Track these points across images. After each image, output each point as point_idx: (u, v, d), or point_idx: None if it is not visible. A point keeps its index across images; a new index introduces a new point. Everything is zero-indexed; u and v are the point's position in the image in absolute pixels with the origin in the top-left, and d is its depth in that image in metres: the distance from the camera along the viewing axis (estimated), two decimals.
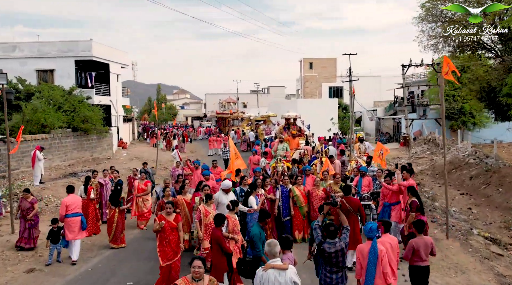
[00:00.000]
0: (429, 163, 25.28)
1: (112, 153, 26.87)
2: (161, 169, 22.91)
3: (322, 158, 12.93)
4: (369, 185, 10.39)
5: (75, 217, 9.47)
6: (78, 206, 9.63)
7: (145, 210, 11.87)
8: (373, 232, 5.56)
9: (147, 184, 12.01)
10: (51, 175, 18.96)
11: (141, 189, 11.88)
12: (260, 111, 52.83)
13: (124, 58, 32.50)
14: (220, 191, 8.69)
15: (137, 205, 11.79)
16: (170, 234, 7.21)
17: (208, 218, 7.79)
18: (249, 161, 14.88)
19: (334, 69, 59.50)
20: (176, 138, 33.43)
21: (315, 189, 9.61)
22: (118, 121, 30.89)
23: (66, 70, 26.95)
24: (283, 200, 9.53)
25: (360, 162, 12.59)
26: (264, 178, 10.15)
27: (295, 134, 17.51)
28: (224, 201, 8.24)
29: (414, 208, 8.00)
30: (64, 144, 21.77)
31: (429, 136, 32.63)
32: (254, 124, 32.20)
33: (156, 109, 21.96)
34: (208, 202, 8.02)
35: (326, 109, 37.36)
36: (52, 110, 21.54)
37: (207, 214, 7.86)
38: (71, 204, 9.48)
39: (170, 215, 7.36)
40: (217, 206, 8.39)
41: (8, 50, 27.06)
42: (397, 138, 40.54)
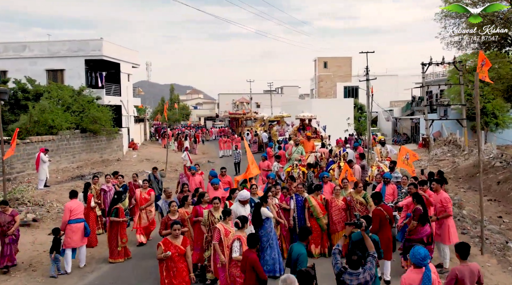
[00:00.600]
0: (451, 165, 24.09)
1: (122, 154, 26.31)
2: (171, 171, 22.22)
3: (340, 162, 11.97)
4: (393, 193, 9.44)
5: (79, 223, 8.90)
6: (81, 211, 9.07)
7: (148, 222, 10.65)
8: (425, 259, 4.64)
9: (150, 193, 10.74)
10: (58, 178, 18.40)
11: (143, 199, 10.57)
12: (273, 111, 51.92)
13: (135, 58, 31.94)
14: (236, 203, 7.64)
15: (140, 218, 10.53)
16: (179, 261, 6.09)
17: (229, 238, 6.57)
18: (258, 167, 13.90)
19: (349, 68, 58.28)
20: (187, 139, 32.73)
21: (334, 199, 8.67)
22: (129, 122, 30.34)
23: (76, 70, 26.49)
24: (298, 210, 8.64)
25: (382, 167, 11.60)
26: (275, 184, 9.28)
27: (311, 136, 16.57)
28: (242, 213, 7.25)
29: (417, 216, 7.12)
30: (72, 145, 21.22)
31: (450, 137, 31.39)
32: (267, 125, 31.32)
33: (165, 109, 21.23)
34: (227, 219, 6.83)
35: (342, 109, 36.28)
36: (60, 111, 21.02)
37: (227, 233, 6.65)
38: (75, 209, 8.90)
39: (178, 238, 6.19)
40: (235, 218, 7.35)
41: (18, 50, 26.72)
42: (415, 139, 39.23)
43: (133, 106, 33.11)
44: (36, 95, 22.30)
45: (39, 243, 9.62)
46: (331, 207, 8.54)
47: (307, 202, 8.61)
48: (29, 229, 10.65)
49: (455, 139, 29.95)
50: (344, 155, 12.40)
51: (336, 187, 8.74)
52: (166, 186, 17.68)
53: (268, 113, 49.09)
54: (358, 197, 8.45)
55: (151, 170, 14.26)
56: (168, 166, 22.99)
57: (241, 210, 7.38)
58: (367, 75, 26.56)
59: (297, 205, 8.62)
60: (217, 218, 7.14)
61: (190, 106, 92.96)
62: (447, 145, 31.06)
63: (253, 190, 8.55)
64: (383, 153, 12.34)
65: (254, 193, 8.47)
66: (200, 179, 11.73)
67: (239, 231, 6.37)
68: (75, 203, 8.98)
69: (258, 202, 7.83)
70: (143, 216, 10.52)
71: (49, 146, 19.36)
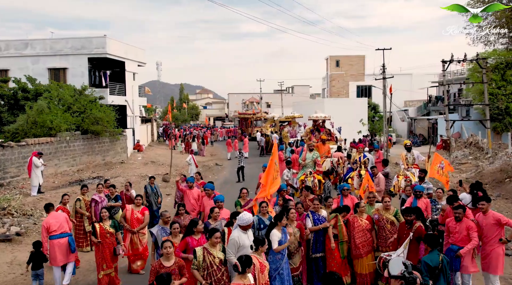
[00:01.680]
0: (474, 170, 22.51)
1: (127, 156, 25.22)
2: (176, 175, 20.97)
3: (361, 170, 10.58)
4: (426, 209, 8.07)
5: (61, 238, 7.83)
6: (62, 224, 7.92)
7: (141, 247, 8.62)
8: None
9: (144, 212, 8.73)
10: (55, 182, 17.33)
11: (136, 220, 8.50)
12: (284, 111, 50.54)
13: (141, 56, 30.86)
14: (237, 230, 5.95)
15: (132, 242, 8.55)
16: None
17: (265, 275, 5.38)
18: (259, 179, 11.23)
19: (362, 67, 56.62)
20: (195, 140, 31.52)
21: (357, 217, 7.23)
22: (134, 123, 29.27)
23: (79, 68, 25.53)
24: (315, 232, 7.19)
25: (410, 177, 10.18)
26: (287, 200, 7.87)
27: (325, 139, 15.18)
28: (246, 243, 5.77)
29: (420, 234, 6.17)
30: (72, 148, 20.15)
31: (470, 139, 29.77)
32: (277, 125, 29.98)
33: (170, 109, 20.06)
34: (260, 249, 5.48)
35: (355, 109, 34.89)
36: (60, 111, 19.97)
37: (263, 268, 5.39)
38: (52, 225, 7.82)
39: None
40: (237, 251, 5.77)
41: (20, 48, 25.82)
42: (433, 140, 37.49)
43: (139, 106, 32.02)
44: (36, 95, 21.31)
45: (18, 263, 8.44)
46: (353, 228, 7.09)
47: (335, 219, 7.15)
48: (10, 244, 9.48)
49: (477, 141, 28.31)
50: (365, 161, 11.02)
51: (360, 203, 7.32)
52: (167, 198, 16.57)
53: (279, 113, 47.77)
54: (389, 216, 7.07)
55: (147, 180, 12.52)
56: (173, 169, 21.80)
57: (244, 238, 5.82)
58: (384, 73, 25.07)
59: (314, 224, 7.16)
60: (217, 257, 5.64)
61: (200, 106, 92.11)
62: (468, 147, 29.45)
63: (263, 209, 7.04)
64: (409, 159, 10.88)
65: (264, 212, 7.03)
66: (199, 192, 9.68)
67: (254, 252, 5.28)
68: (52, 218, 7.94)
69: (272, 223, 6.50)
70: (136, 240, 8.55)
71: (46, 148, 18.33)
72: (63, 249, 7.76)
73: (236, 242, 5.74)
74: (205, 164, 25.42)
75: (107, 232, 7.52)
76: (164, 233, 7.11)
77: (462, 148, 29.82)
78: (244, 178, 19.32)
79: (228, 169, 23.96)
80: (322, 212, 7.35)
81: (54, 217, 7.95)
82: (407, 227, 6.36)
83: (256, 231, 6.81)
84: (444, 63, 25.06)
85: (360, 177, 10.27)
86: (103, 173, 19.65)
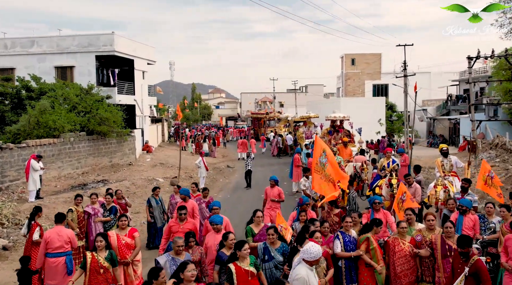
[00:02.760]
0: (503, 173, 20.96)
1: (135, 158, 24.24)
2: (186, 178, 19.91)
3: (392, 179, 9.25)
4: (474, 226, 6.77)
5: (58, 257, 6.81)
6: (63, 242, 6.85)
7: (136, 281, 6.93)
8: None
9: (133, 235, 6.91)
10: (57, 186, 16.36)
11: (125, 247, 6.75)
12: (298, 111, 49.21)
13: (151, 54, 29.87)
14: (303, 266, 4.67)
15: (124, 274, 6.76)
16: None
17: None
18: (265, 195, 9.96)
19: (379, 65, 54.94)
20: (206, 141, 30.44)
21: (398, 239, 5.90)
22: (143, 123, 28.30)
23: (86, 67, 24.60)
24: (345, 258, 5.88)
25: (449, 187, 8.80)
26: (312, 221, 6.49)
27: (347, 142, 13.87)
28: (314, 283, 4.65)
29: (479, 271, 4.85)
30: (77, 149, 19.20)
31: (496, 140, 28.14)
32: (292, 126, 28.71)
33: (178, 108, 18.95)
34: None
35: (372, 109, 33.41)
36: (64, 111, 19.04)
37: None
38: (53, 240, 6.78)
39: None
40: None
41: (26, 46, 25.01)
42: (454, 141, 35.87)
43: (148, 106, 31.06)
44: (41, 94, 20.48)
45: None
46: (393, 253, 5.78)
47: (366, 243, 5.83)
48: None
49: (503, 143, 26.69)
50: (394, 168, 9.70)
51: (401, 223, 6.00)
52: None
53: (293, 113, 46.47)
54: (434, 235, 5.77)
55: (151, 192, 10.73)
56: (182, 172, 20.71)
57: (312, 277, 4.61)
58: (405, 71, 23.68)
59: (345, 248, 5.85)
60: None
61: (212, 106, 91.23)
62: (493, 148, 27.84)
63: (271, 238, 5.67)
64: (446, 166, 9.48)
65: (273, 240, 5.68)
66: (193, 205, 8.40)
67: None
68: (56, 233, 6.87)
69: (293, 247, 5.28)
70: (129, 271, 6.79)
71: (49, 150, 17.40)
72: (58, 269, 6.77)
73: (306, 281, 4.56)
74: (216, 166, 24.33)
75: (101, 266, 5.95)
76: (174, 265, 5.48)
77: (487, 149, 28.19)
78: (251, 183, 17.88)
79: (240, 171, 22.79)
80: (352, 232, 6.06)
81: (58, 232, 6.88)
82: (462, 259, 5.05)
83: (260, 262, 5.57)
84: (470, 60, 23.53)
85: (391, 187, 8.95)
86: (109, 176, 18.66)
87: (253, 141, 30.63)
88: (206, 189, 10.08)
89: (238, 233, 10.78)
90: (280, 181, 19.59)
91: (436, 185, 8.72)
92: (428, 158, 27.95)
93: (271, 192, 9.82)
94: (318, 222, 6.25)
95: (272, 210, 9.48)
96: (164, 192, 16.62)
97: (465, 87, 42.63)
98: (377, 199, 7.14)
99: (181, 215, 7.08)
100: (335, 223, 7.26)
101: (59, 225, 6.98)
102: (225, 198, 15.70)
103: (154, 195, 10.11)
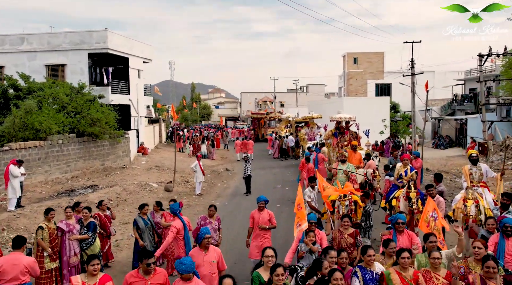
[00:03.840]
0: None
1: (129, 160, 23.11)
2: (182, 182, 18.79)
3: (411, 192, 7.84)
4: None
5: None
6: (19, 272, 5.68)
7: None
8: None
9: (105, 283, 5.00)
10: (42, 193, 15.24)
11: None
12: (299, 111, 48.10)
13: (147, 52, 28.73)
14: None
15: None
16: None
17: None
18: (250, 221, 7.85)
19: (381, 64, 53.74)
20: (205, 142, 29.29)
21: (430, 273, 4.75)
22: (139, 123, 27.17)
23: (78, 65, 23.50)
24: None
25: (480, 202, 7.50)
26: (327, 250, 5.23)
27: (356, 146, 12.69)
28: None
29: None
30: (65, 152, 18.07)
31: (507, 141, 27.02)
32: (293, 126, 27.57)
33: (173, 109, 17.85)
34: None
35: (375, 109, 32.31)
36: (52, 112, 17.92)
37: None
38: (6, 270, 5.63)
39: None
40: None
41: (16, 43, 23.88)
42: (461, 142, 34.72)
43: (144, 106, 29.95)
44: (29, 93, 19.35)
45: None
46: None
47: (386, 281, 4.67)
48: None
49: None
50: (413, 176, 8.53)
51: (434, 252, 4.81)
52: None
53: (293, 113, 45.35)
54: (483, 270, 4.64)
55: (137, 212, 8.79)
56: (179, 176, 19.60)
57: None
58: (413, 69, 22.54)
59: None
60: None
61: (212, 106, 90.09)
62: (503, 150, 26.72)
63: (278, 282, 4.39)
64: (475, 176, 8.26)
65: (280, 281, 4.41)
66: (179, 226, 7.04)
67: None
68: (10, 260, 5.73)
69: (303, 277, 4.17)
70: None
71: (35, 153, 16.29)
72: None
73: None
74: (214, 168, 23.18)
75: None
76: None
77: (497, 151, 27.12)
78: (250, 189, 16.59)
79: (240, 175, 21.67)
80: (375, 268, 4.88)
81: (14, 261, 5.72)
82: None
83: None
84: (481, 58, 22.45)
85: (409, 201, 7.75)
86: (99, 181, 17.53)
87: (251, 143, 29.51)
88: (212, 206, 7.94)
89: (236, 249, 9.72)
90: (282, 186, 18.67)
91: (465, 199, 7.52)
92: (435, 160, 26.81)
93: (259, 217, 7.68)
94: (333, 251, 5.08)
95: (262, 240, 7.59)
96: (158, 198, 15.50)
97: (470, 86, 41.50)
98: (401, 218, 5.96)
99: (148, 267, 4.89)
100: (349, 245, 6.12)
101: (17, 251, 5.82)
102: (223, 206, 14.57)
103: (142, 214, 8.41)
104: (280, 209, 13.57)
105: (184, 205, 14.79)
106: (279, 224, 11.71)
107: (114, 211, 13.61)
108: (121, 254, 9.59)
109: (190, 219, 8.36)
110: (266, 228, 7.63)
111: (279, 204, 14.34)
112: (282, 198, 15.25)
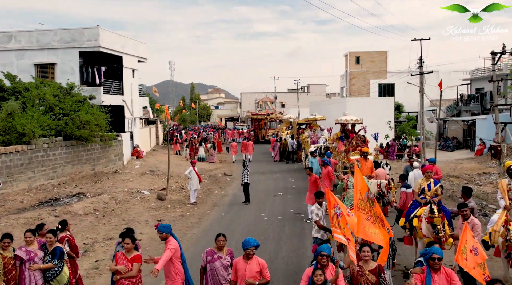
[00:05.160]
0: None
1: (123, 164, 21.91)
2: (176, 190, 17.54)
3: (435, 217, 6.28)
4: None
5: None
6: None
7: None
8: None
9: None
10: (23, 202, 14.02)
11: None
12: (300, 112, 46.86)
13: (142, 50, 27.49)
14: None
15: None
16: None
17: None
18: (233, 273, 5.76)
19: (385, 64, 52.46)
20: (203, 144, 28.04)
21: None
22: (133, 125, 25.95)
23: (68, 64, 22.27)
24: None
25: None
26: None
27: (367, 153, 11.43)
28: None
29: None
30: (52, 157, 16.87)
31: None
32: (295, 128, 26.35)
33: (167, 111, 16.64)
34: None
35: (380, 109, 31.13)
36: (37, 114, 16.72)
37: None
38: None
39: None
40: None
41: (3, 41, 22.63)
42: (469, 144, 33.48)
43: (139, 107, 28.74)
44: (14, 94, 18.17)
45: None
46: None
47: None
48: None
49: None
50: (437, 192, 7.29)
51: None
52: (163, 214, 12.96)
53: (294, 114, 44.15)
54: None
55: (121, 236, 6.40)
56: (173, 182, 18.40)
57: None
58: (421, 68, 21.35)
59: None
60: None
61: (211, 106, 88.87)
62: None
63: None
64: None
65: None
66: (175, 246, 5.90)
67: None
68: None
69: None
70: None
71: (17, 158, 15.09)
72: None
73: None
74: (211, 173, 21.96)
75: None
76: None
77: (508, 154, 25.94)
78: (249, 197, 15.14)
79: (239, 180, 20.48)
80: None
81: None
82: None
83: None
84: (494, 56, 21.16)
85: (434, 228, 6.36)
86: (87, 188, 16.31)
87: (251, 144, 28.35)
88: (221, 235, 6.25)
89: None
90: (284, 193, 17.36)
91: (508, 221, 6.27)
92: (444, 164, 25.56)
93: (245, 268, 5.58)
94: None
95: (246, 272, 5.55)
96: (149, 208, 14.26)
97: (477, 86, 40.27)
98: (437, 252, 4.73)
99: None
100: None
101: None
102: (219, 217, 13.36)
103: (124, 244, 6.08)
104: (281, 222, 12.36)
105: (177, 216, 13.60)
106: (281, 241, 10.51)
107: (100, 223, 12.47)
108: (99, 280, 8.30)
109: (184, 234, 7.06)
110: (255, 284, 5.49)
111: (281, 215, 13.12)
112: (284, 209, 14.02)
